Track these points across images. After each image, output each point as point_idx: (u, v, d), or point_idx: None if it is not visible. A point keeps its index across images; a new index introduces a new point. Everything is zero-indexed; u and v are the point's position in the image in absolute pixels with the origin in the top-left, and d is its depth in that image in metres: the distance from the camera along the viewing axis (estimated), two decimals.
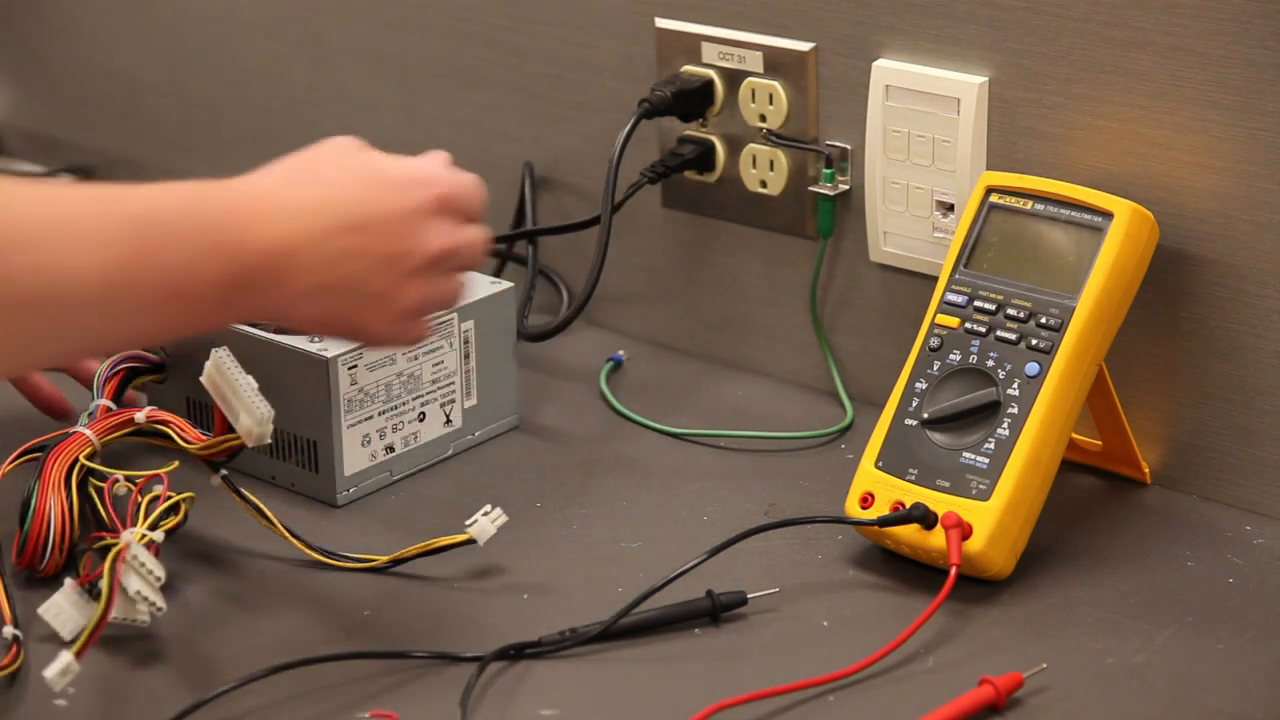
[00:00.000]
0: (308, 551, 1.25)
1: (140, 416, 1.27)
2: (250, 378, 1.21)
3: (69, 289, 0.92)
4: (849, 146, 1.41)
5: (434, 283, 1.04)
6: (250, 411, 1.20)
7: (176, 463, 1.25)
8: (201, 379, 1.21)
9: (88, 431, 1.25)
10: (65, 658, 1.09)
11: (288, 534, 1.25)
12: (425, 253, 1.00)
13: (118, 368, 1.34)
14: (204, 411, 1.36)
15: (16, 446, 1.27)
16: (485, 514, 1.25)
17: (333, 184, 1.00)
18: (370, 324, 1.04)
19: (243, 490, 1.25)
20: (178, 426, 1.26)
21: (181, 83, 1.82)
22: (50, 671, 1.09)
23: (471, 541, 1.24)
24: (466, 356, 1.38)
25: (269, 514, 1.25)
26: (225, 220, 0.98)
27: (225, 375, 1.20)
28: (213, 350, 1.21)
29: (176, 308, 0.96)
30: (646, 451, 1.40)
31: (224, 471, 1.25)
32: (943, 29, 1.34)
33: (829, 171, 1.41)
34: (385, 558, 1.25)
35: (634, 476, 1.37)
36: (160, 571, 1.16)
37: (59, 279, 0.92)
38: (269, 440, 1.21)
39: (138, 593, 1.15)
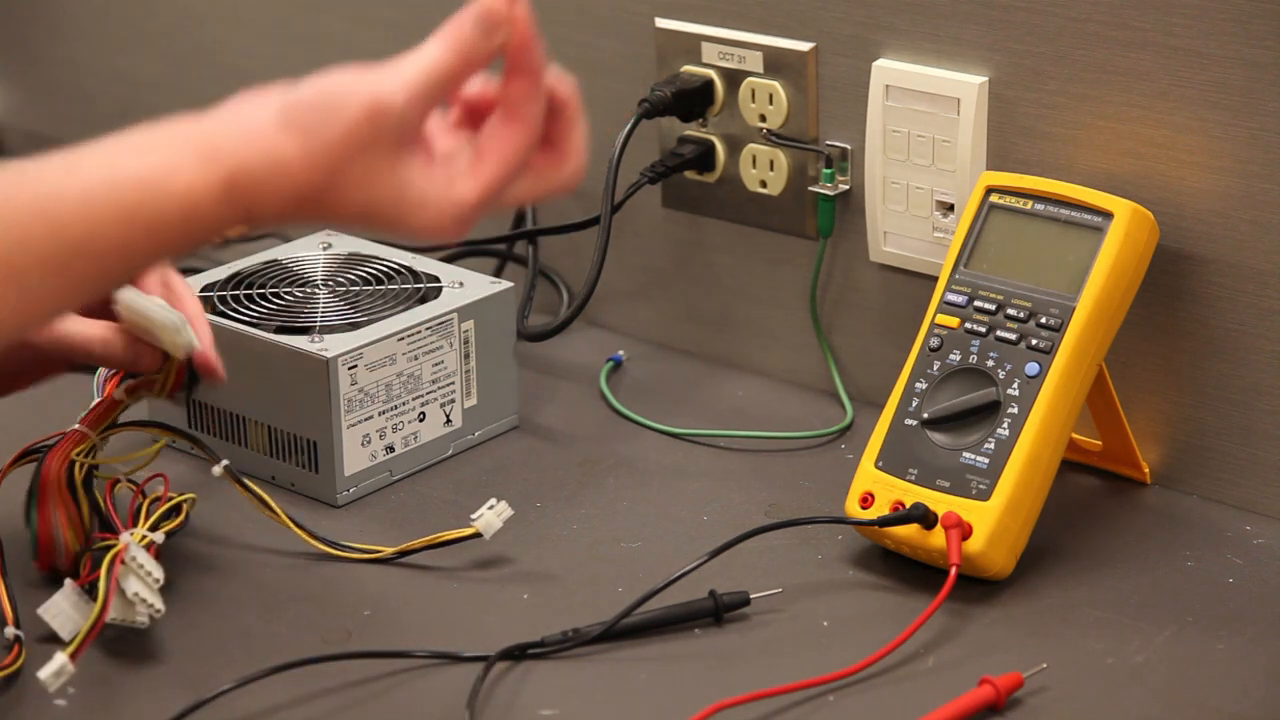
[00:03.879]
0: (312, 542, 1.26)
1: (119, 393, 1.25)
2: (156, 299, 1.20)
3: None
4: (849, 146, 1.41)
5: None
6: (165, 328, 1.19)
7: (160, 442, 1.24)
8: (120, 324, 1.20)
9: (82, 427, 1.25)
10: (60, 659, 1.09)
11: (291, 524, 1.25)
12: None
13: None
14: (204, 410, 1.36)
15: (17, 447, 1.27)
16: (490, 507, 1.25)
17: None
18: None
19: (245, 480, 1.25)
20: (146, 380, 1.24)
21: (181, 83, 1.82)
22: (45, 673, 1.09)
23: (478, 535, 1.25)
24: (466, 356, 1.38)
25: (272, 504, 1.25)
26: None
27: (135, 308, 1.19)
28: (116, 294, 1.19)
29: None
30: (646, 451, 1.40)
31: (225, 461, 1.25)
32: (943, 29, 1.34)
33: (829, 171, 1.41)
34: (391, 549, 1.26)
35: (634, 476, 1.37)
36: (159, 573, 1.16)
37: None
38: (195, 342, 1.20)
39: (136, 594, 1.15)
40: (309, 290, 1.40)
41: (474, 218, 0.96)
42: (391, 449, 1.36)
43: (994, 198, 1.28)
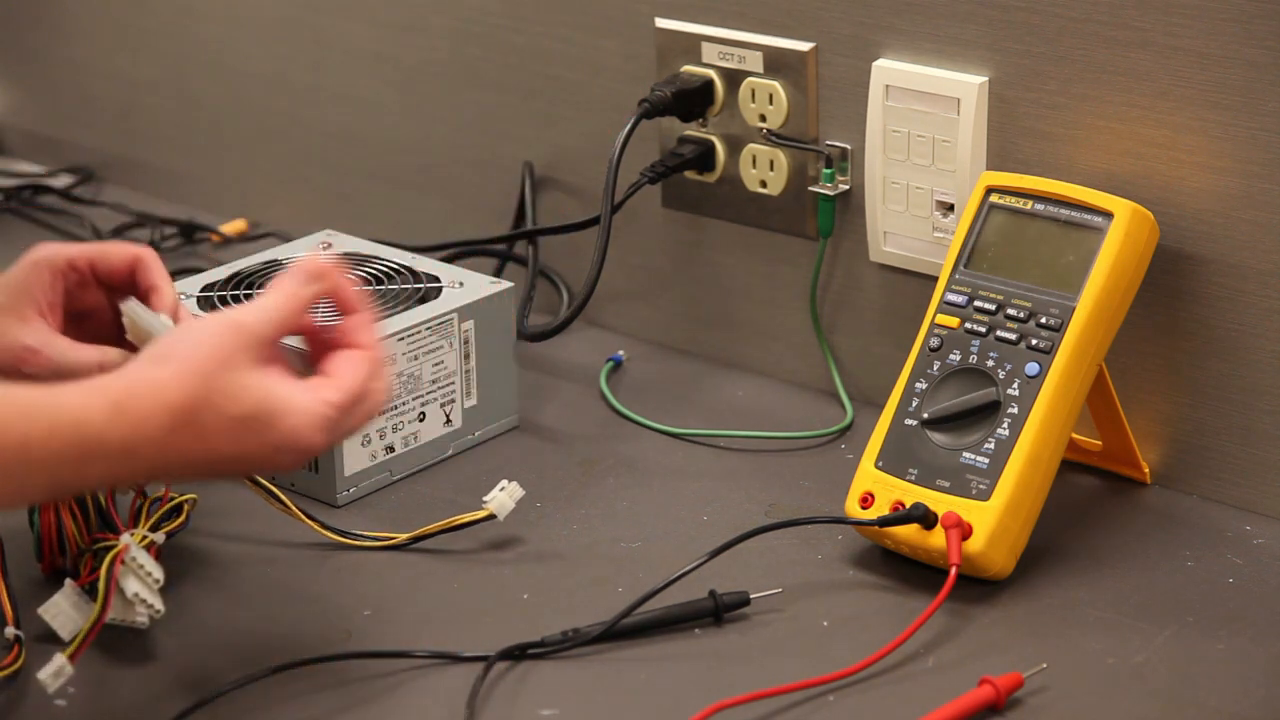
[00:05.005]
0: (324, 532, 1.26)
1: None
2: (163, 316, 1.19)
3: None
4: (849, 146, 1.41)
5: None
6: None
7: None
8: (127, 336, 1.20)
9: None
10: (59, 660, 1.09)
11: (303, 515, 1.26)
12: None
13: None
14: None
15: None
16: (502, 489, 1.27)
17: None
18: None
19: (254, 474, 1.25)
20: None
21: (181, 83, 1.82)
22: (44, 673, 1.09)
23: (491, 517, 1.25)
24: (466, 356, 1.38)
25: (282, 497, 1.26)
26: None
27: (141, 323, 1.18)
28: (121, 306, 1.18)
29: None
30: (646, 451, 1.40)
31: None
32: (943, 29, 1.34)
33: (829, 171, 1.41)
34: (405, 535, 1.26)
35: (634, 476, 1.37)
36: (159, 574, 1.16)
37: None
38: None
39: (135, 595, 1.15)
40: None
41: (338, 421, 1.07)
42: (391, 449, 1.36)
43: (994, 198, 1.28)
